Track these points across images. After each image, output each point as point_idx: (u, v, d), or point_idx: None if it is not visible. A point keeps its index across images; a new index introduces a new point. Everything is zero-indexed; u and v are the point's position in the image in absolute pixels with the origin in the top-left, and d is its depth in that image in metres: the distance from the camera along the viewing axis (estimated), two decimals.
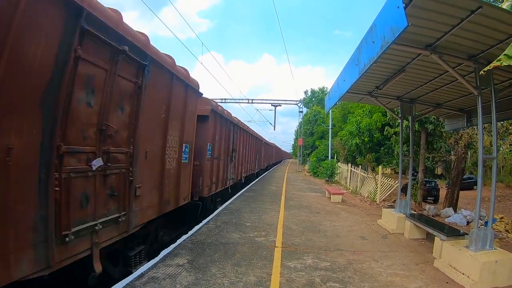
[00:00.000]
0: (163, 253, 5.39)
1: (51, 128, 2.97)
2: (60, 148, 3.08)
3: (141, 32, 4.62)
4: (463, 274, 4.85)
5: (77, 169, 3.40)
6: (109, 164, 3.93)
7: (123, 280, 4.18)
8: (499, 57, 3.61)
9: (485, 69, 3.83)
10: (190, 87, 6.59)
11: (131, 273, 4.60)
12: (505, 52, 3.61)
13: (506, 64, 3.54)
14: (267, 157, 34.46)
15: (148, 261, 5.17)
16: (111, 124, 3.89)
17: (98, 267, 3.74)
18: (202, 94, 7.55)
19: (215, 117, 9.39)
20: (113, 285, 4.05)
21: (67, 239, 3.22)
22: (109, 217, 3.99)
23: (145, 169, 4.93)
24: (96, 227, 3.71)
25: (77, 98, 3.31)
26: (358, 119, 21.71)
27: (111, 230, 4.10)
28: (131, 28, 4.27)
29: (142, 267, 4.72)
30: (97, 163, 3.66)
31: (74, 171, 3.34)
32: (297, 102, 38.98)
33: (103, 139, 3.80)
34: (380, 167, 15.12)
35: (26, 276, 2.79)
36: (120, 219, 4.24)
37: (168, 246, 5.87)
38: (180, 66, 6.13)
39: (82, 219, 3.49)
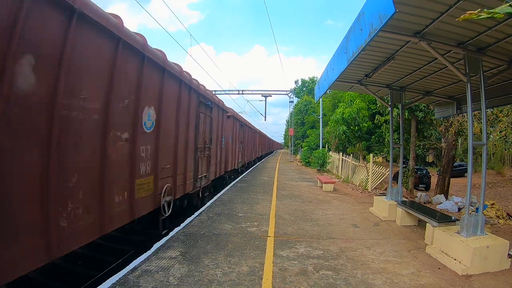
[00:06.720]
0: (156, 246, 5.37)
1: (195, 139, 7.81)
2: (197, 146, 8.03)
3: (208, 89, 9.37)
4: (455, 259, 4.89)
5: (200, 154, 8.38)
6: (206, 152, 9.11)
7: (116, 275, 4.16)
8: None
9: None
10: (225, 111, 12.42)
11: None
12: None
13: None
14: (261, 147, 36.10)
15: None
16: (206, 136, 9.00)
17: (200, 195, 8.74)
18: (228, 112, 13.20)
19: (233, 120, 14.88)
20: (108, 278, 4.04)
21: (197, 180, 8.17)
22: (204, 174, 8.93)
23: (212, 154, 10.01)
24: (202, 178, 8.71)
25: (201, 127, 8.26)
26: (341, 111, 21.72)
27: (205, 180, 9.08)
28: (210, 91, 9.73)
29: (134, 260, 4.70)
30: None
31: (199, 155, 8.32)
32: (288, 92, 38.81)
33: (205, 142, 8.91)
34: (371, 155, 15.23)
35: (193, 190, 7.95)
36: (206, 176, 9.22)
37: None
38: (220, 99, 11.76)
39: (200, 174, 8.43)
